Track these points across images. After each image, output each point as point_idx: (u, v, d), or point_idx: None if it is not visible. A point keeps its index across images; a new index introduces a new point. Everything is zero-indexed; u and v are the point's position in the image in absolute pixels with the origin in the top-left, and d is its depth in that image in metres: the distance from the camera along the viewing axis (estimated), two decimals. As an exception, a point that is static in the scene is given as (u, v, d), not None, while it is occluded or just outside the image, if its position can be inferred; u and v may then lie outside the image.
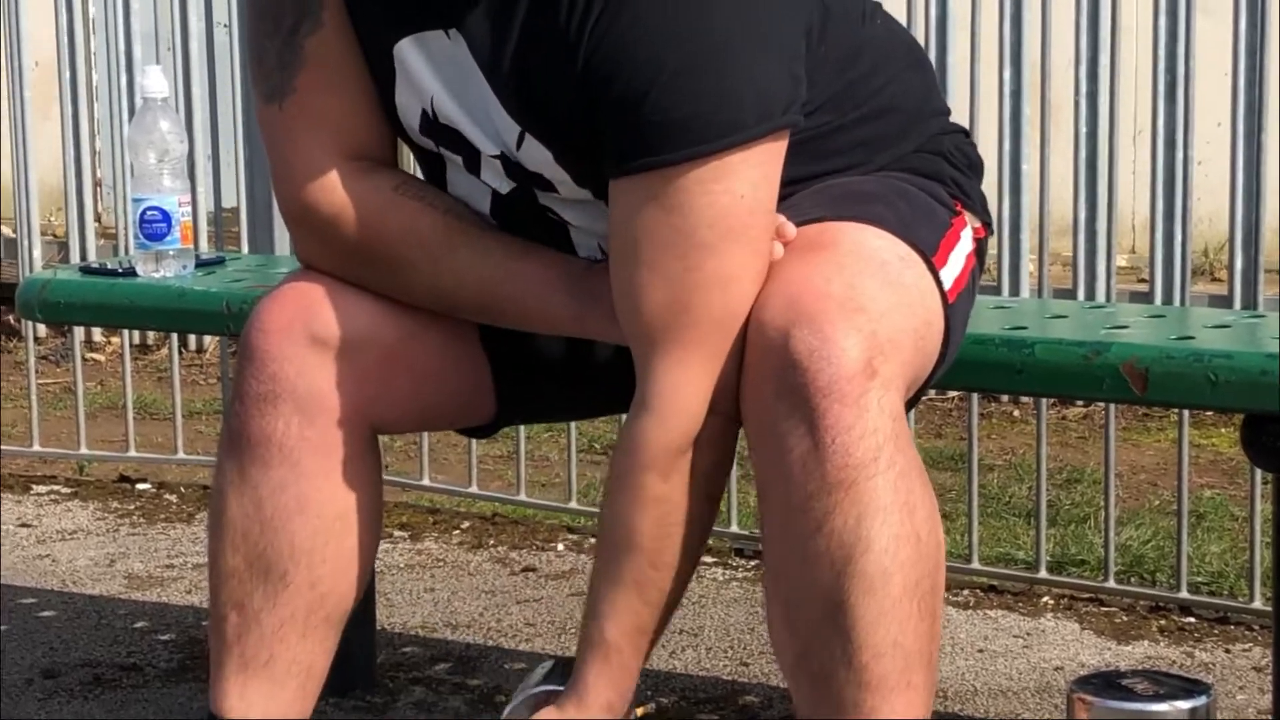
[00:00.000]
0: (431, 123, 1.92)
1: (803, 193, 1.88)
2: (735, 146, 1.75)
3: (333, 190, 1.92)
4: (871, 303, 1.78)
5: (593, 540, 3.46)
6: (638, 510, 1.83)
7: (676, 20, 1.74)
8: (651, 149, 1.75)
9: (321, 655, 2.01)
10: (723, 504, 3.35)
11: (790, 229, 1.83)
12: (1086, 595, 3.11)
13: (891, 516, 1.74)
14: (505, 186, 1.93)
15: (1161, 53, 3.02)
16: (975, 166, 2.08)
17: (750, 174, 1.77)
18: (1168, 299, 3.09)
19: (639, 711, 2.64)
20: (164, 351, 4.72)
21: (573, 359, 2.00)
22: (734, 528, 3.37)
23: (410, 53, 1.89)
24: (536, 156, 1.87)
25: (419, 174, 2.02)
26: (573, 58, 1.78)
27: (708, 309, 1.78)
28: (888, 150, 1.98)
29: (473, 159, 1.93)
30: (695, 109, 1.74)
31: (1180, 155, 3.03)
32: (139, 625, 3.05)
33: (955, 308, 1.93)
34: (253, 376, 1.93)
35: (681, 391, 1.80)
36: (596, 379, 2.00)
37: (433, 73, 1.89)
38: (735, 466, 3.26)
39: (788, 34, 1.79)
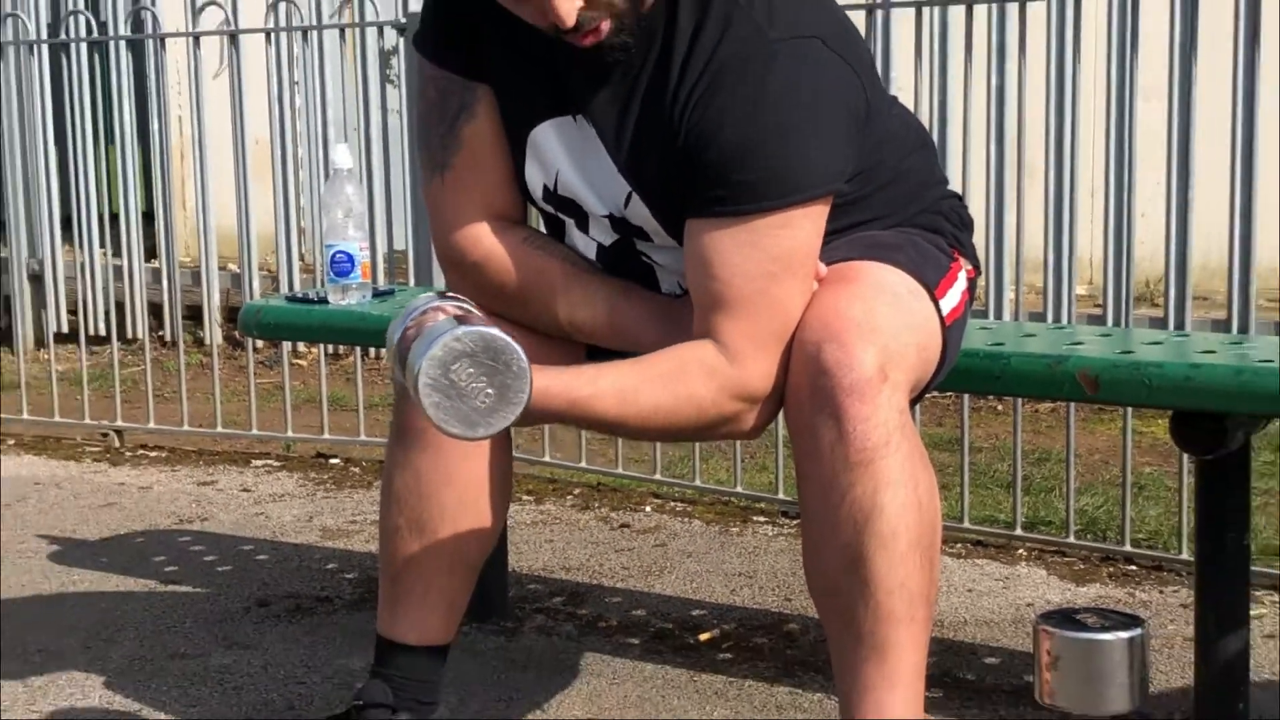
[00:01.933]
0: (552, 194, 1.92)
1: (837, 241, 1.87)
2: (799, 204, 1.75)
3: (477, 242, 1.93)
4: (885, 324, 1.77)
5: (675, 504, 3.47)
6: (673, 387, 1.77)
7: (756, 109, 1.74)
8: (736, 200, 1.75)
9: (463, 591, 2.02)
10: (773, 475, 3.37)
11: (823, 269, 1.83)
12: (1052, 548, 3.09)
13: (900, 488, 1.73)
14: (609, 239, 1.93)
15: (1113, 131, 3.00)
16: (967, 224, 2.07)
17: (806, 224, 1.77)
18: (1116, 321, 3.05)
19: (704, 636, 2.64)
20: (351, 358, 4.75)
21: None
22: (781, 495, 3.36)
23: (546, 135, 1.89)
24: (640, 213, 1.87)
25: (543, 228, 2.02)
26: (675, 134, 1.78)
27: (770, 321, 1.77)
28: (901, 211, 1.97)
29: (583, 220, 1.93)
30: (772, 174, 1.74)
31: (1127, 209, 3.01)
32: (330, 566, 3.08)
33: (951, 330, 1.92)
34: (414, 382, 1.94)
35: (754, 360, 1.77)
36: None
37: (562, 149, 1.88)
38: (782, 446, 3.28)
39: (841, 122, 1.78)
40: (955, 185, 2.25)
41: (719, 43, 1.76)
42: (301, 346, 5.10)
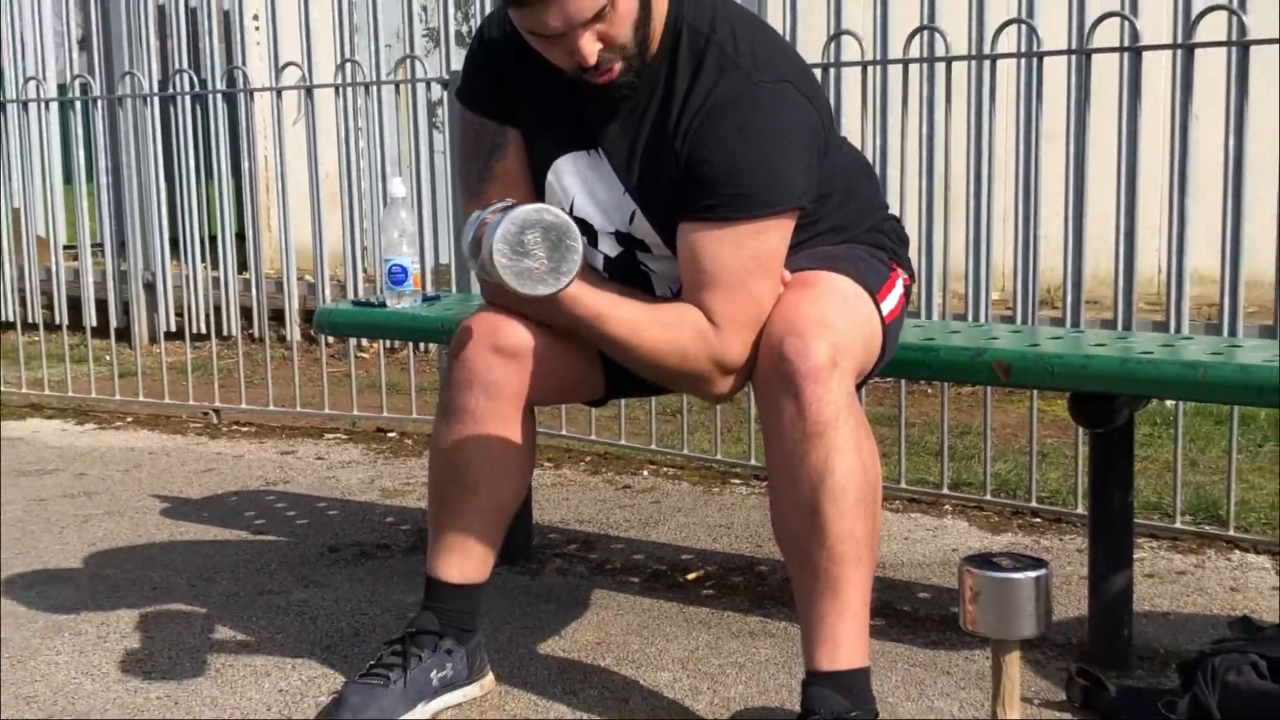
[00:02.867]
0: (568, 215, 1.92)
1: (797, 254, 1.87)
2: (774, 215, 1.75)
3: None
4: (836, 322, 1.77)
5: (667, 469, 3.47)
6: (669, 334, 1.78)
7: (744, 137, 1.74)
8: (725, 209, 1.75)
9: (496, 539, 2.02)
10: (746, 445, 3.37)
11: (788, 275, 1.83)
12: (973, 505, 3.08)
13: (848, 455, 1.73)
14: (615, 251, 1.93)
15: (1021, 168, 2.99)
16: (904, 241, 2.07)
17: (778, 232, 1.77)
18: (1024, 320, 3.05)
19: (691, 576, 2.64)
20: (405, 352, 4.76)
21: None
22: (752, 461, 3.36)
23: (565, 166, 1.89)
24: (643, 227, 1.87)
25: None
26: (676, 161, 1.79)
27: (747, 308, 1.78)
28: (850, 229, 1.97)
29: (593, 237, 1.93)
30: (753, 190, 1.74)
31: (1033, 230, 3.01)
32: (389, 520, 3.07)
33: (890, 327, 1.92)
34: (457, 370, 1.94)
35: (732, 337, 1.78)
36: None
37: (578, 177, 1.89)
38: (753, 422, 3.28)
39: (808, 152, 1.79)
40: (894, 209, 2.25)
41: (715, 85, 1.77)
42: (365, 342, 5.09)
